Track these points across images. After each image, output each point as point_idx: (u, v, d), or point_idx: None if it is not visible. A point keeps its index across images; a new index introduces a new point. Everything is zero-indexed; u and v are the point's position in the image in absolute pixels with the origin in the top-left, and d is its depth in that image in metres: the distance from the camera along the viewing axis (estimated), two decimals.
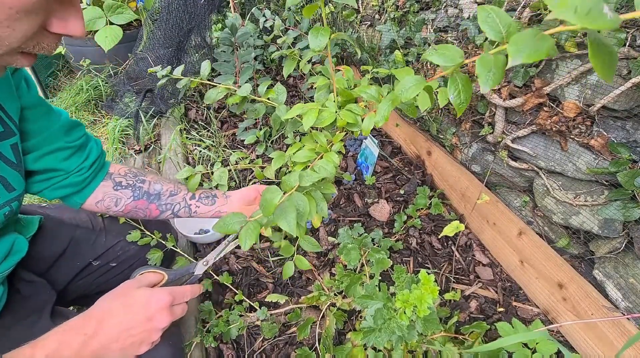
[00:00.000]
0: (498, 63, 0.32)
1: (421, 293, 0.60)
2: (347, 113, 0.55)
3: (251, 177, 1.50)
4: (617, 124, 0.86)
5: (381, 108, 0.49)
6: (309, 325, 0.93)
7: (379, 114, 0.49)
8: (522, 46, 0.28)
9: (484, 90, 0.33)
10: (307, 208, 0.49)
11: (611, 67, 0.29)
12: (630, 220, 0.83)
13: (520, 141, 1.06)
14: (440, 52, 0.37)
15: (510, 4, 1.01)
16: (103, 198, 0.74)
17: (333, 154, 0.55)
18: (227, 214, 0.49)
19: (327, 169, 0.53)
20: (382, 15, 1.59)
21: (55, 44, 0.46)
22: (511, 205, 1.14)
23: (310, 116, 0.53)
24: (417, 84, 0.42)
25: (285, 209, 0.46)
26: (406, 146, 1.59)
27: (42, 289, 0.73)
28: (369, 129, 0.53)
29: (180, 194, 0.80)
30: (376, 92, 0.54)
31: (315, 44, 0.50)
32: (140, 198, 0.77)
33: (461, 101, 0.38)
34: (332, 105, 0.56)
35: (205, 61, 0.71)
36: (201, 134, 1.73)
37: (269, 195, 0.47)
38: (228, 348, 0.96)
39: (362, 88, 0.55)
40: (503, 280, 1.14)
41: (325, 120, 0.54)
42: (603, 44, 0.29)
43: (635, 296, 0.82)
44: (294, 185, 0.50)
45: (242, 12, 2.11)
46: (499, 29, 0.33)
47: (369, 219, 1.31)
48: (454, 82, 0.38)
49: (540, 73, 0.96)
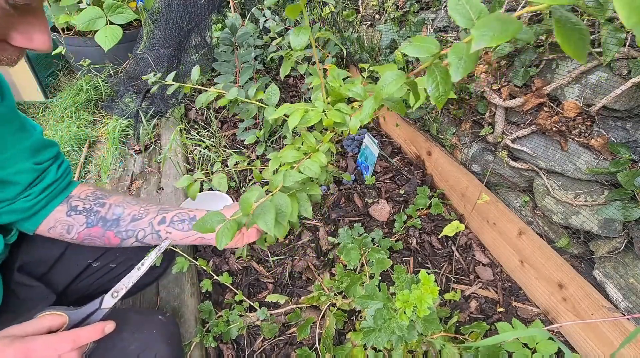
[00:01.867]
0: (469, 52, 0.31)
1: (421, 293, 0.60)
2: (335, 112, 0.54)
3: (251, 177, 1.51)
4: (617, 124, 0.86)
5: (365, 106, 0.49)
6: (309, 325, 0.93)
7: (364, 112, 0.49)
8: (487, 29, 0.27)
9: (454, 79, 0.32)
10: (289, 209, 0.48)
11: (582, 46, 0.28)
12: (630, 220, 0.83)
13: (520, 141, 1.06)
14: (415, 44, 0.36)
15: (510, 3, 1.01)
16: (55, 224, 0.67)
17: (320, 155, 0.55)
18: (207, 214, 0.49)
19: (312, 170, 0.53)
20: (382, 15, 1.59)
21: (17, 56, 0.45)
22: (511, 205, 1.14)
23: (295, 116, 0.53)
24: (397, 78, 0.42)
25: (265, 209, 0.46)
26: (406, 146, 1.59)
27: (41, 292, 0.72)
28: (356, 128, 0.53)
29: (145, 219, 0.71)
30: (362, 90, 0.53)
31: (296, 42, 0.50)
32: (94, 225, 0.68)
33: (440, 93, 0.37)
34: (321, 104, 0.56)
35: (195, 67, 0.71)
36: (201, 134, 1.73)
37: (247, 194, 0.47)
38: (228, 348, 0.95)
39: (347, 86, 0.55)
40: (503, 280, 1.14)
41: (311, 119, 0.54)
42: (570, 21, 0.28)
43: (635, 296, 0.82)
44: (279, 185, 0.50)
45: (242, 12, 2.11)
46: (470, 16, 0.31)
47: (369, 220, 1.31)
48: (432, 74, 0.37)
49: (540, 73, 0.96)
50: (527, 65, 0.97)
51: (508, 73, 1.03)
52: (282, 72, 0.63)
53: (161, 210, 0.73)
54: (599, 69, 0.85)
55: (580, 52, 0.28)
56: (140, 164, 1.71)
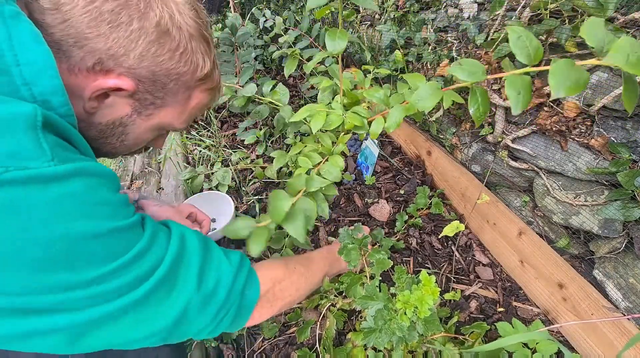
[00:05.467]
0: (525, 84, 0.34)
1: (422, 295, 0.60)
2: (353, 116, 0.55)
3: (251, 177, 1.50)
4: (617, 124, 0.86)
5: (393, 115, 0.49)
6: (309, 327, 0.93)
7: (391, 120, 0.49)
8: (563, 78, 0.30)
9: (515, 113, 0.34)
10: (314, 213, 0.48)
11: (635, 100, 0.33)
12: (630, 220, 0.83)
13: (521, 141, 1.06)
14: (464, 68, 0.37)
15: (510, 3, 1.01)
16: None
17: (338, 158, 0.56)
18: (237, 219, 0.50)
19: (333, 174, 0.53)
20: (382, 15, 1.58)
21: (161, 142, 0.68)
22: (511, 205, 1.14)
23: (319, 119, 0.53)
24: (433, 94, 0.42)
25: (294, 216, 0.46)
26: (406, 146, 1.59)
27: None
28: (377, 134, 0.53)
29: None
30: (384, 96, 0.54)
31: (332, 47, 0.49)
32: None
33: (480, 113, 0.40)
34: (339, 107, 0.56)
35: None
36: (201, 134, 1.73)
37: (278, 202, 0.46)
38: (228, 348, 0.96)
39: (370, 91, 0.55)
40: (503, 280, 1.14)
41: (333, 123, 0.54)
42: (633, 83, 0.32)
43: (635, 296, 0.82)
44: (300, 189, 0.50)
45: (242, 12, 2.11)
46: (529, 53, 0.34)
47: (369, 220, 1.31)
48: (474, 97, 0.39)
49: (540, 73, 0.96)
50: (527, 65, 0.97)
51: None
52: (286, 72, 0.63)
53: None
54: (598, 69, 0.85)
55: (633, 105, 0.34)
56: (140, 164, 1.71)
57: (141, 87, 0.52)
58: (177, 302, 0.50)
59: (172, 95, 0.56)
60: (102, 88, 0.49)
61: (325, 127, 0.54)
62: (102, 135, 0.55)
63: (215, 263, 0.55)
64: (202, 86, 0.59)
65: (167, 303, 0.49)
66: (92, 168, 0.44)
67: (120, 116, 0.54)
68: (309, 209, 0.48)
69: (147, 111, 0.55)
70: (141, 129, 0.57)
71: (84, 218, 0.41)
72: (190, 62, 0.54)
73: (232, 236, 0.49)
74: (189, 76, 0.55)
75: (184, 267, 0.51)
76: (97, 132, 0.55)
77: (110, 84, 0.49)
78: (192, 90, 0.58)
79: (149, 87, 0.53)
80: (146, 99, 0.54)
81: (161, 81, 0.53)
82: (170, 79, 0.53)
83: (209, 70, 0.57)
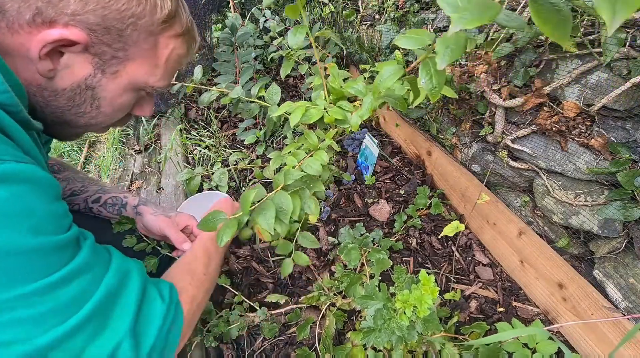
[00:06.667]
0: (459, 41, 0.31)
1: (421, 294, 0.60)
2: (336, 110, 0.55)
3: (251, 177, 1.50)
4: (617, 124, 0.86)
5: (365, 101, 0.50)
6: (309, 325, 0.93)
7: (364, 108, 0.50)
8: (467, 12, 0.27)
9: (439, 66, 0.32)
10: (290, 207, 0.49)
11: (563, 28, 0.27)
12: (630, 220, 0.83)
13: (520, 141, 1.06)
14: (408, 36, 0.36)
15: (510, 4, 1.01)
16: None
17: (322, 153, 0.56)
18: (209, 212, 0.50)
19: (314, 167, 0.53)
20: (382, 15, 1.59)
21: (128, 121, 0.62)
22: (511, 205, 1.14)
23: (296, 114, 0.54)
24: (394, 72, 0.42)
25: (265, 208, 0.47)
26: (406, 146, 1.59)
27: None
28: (357, 125, 0.53)
29: (82, 196, 0.75)
30: (363, 88, 0.54)
31: (293, 41, 0.51)
32: None
33: (433, 85, 0.37)
34: (323, 102, 0.57)
35: (198, 66, 0.72)
36: (201, 134, 1.73)
37: (246, 194, 0.48)
38: (228, 348, 0.96)
39: (349, 83, 0.55)
40: (503, 280, 1.14)
41: (312, 117, 0.54)
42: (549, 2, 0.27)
43: (635, 296, 0.82)
44: (281, 184, 0.50)
45: (242, 12, 2.11)
46: (457, 3, 0.30)
47: (369, 220, 1.31)
48: (426, 67, 0.37)
49: (540, 73, 0.96)
50: (527, 65, 0.97)
51: (508, 73, 1.03)
52: (282, 72, 0.63)
53: (100, 190, 0.78)
54: (598, 69, 0.85)
55: (562, 35, 0.27)
56: (140, 164, 1.71)
57: (94, 38, 0.45)
58: (108, 343, 0.43)
59: (133, 44, 0.48)
60: (48, 41, 0.43)
61: (305, 121, 0.54)
62: (73, 103, 0.50)
63: (151, 303, 0.50)
64: (168, 31, 0.51)
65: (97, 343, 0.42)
66: (21, 172, 0.38)
67: (84, 77, 0.48)
68: (284, 203, 0.48)
69: (111, 67, 0.49)
70: (113, 91, 0.51)
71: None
72: (144, 0, 0.47)
73: (205, 229, 0.48)
74: (147, 17, 0.48)
75: (119, 305, 0.45)
76: (66, 100, 0.49)
77: (55, 35, 0.42)
78: (156, 36, 0.50)
79: (104, 37, 0.46)
80: (105, 53, 0.47)
81: (116, 27, 0.46)
82: (126, 24, 0.46)
83: (170, 9, 0.50)
